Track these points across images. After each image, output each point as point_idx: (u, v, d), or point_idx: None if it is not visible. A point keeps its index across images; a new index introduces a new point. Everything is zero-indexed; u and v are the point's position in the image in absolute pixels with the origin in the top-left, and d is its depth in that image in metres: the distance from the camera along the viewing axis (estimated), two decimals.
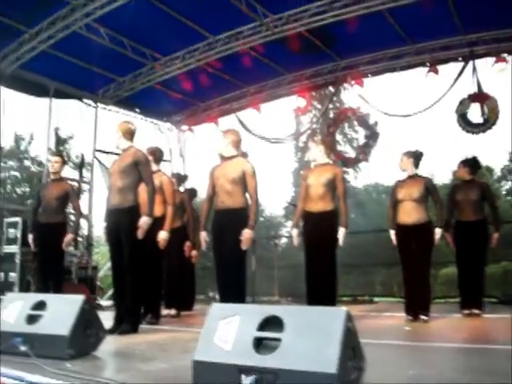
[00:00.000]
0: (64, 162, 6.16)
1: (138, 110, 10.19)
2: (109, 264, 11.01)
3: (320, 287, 4.80)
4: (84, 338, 3.15)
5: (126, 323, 4.33)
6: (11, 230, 7.79)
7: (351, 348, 2.02)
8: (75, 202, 6.03)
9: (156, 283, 5.31)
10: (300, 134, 9.92)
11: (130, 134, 4.67)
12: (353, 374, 2.05)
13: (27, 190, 19.99)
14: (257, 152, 11.57)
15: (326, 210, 4.87)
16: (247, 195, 4.65)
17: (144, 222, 4.39)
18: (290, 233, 5.17)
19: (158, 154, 5.55)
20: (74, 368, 2.71)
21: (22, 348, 3.05)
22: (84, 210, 9.03)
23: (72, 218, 6.93)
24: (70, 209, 6.21)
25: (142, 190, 4.57)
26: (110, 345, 3.58)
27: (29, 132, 16.57)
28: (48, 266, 5.68)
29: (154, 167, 5.45)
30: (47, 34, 7.13)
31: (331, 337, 1.96)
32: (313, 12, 7.10)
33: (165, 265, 6.35)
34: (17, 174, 19.21)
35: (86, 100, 9.31)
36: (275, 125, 9.72)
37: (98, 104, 9.43)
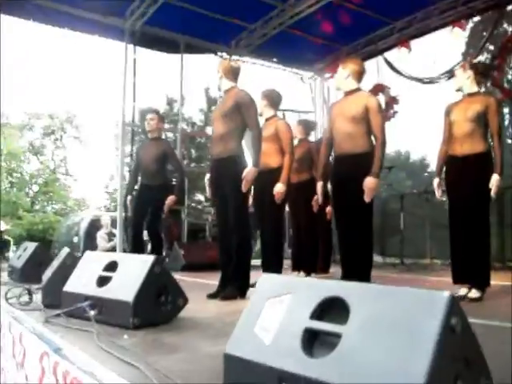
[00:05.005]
0: (161, 119, 5.77)
1: (275, 59, 9.59)
2: None
3: (469, 252, 3.78)
4: (155, 305, 2.70)
5: (231, 287, 3.83)
6: None
7: (459, 359, 1.20)
8: (175, 161, 5.63)
9: (275, 242, 4.70)
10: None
11: (231, 73, 4.07)
12: None
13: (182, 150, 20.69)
14: (410, 96, 10.24)
15: (475, 153, 3.76)
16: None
17: (248, 172, 3.79)
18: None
19: (273, 97, 4.87)
20: (123, 342, 2.26)
21: (92, 312, 2.70)
22: None
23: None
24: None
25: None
26: (202, 313, 3.12)
27: (180, 94, 17.04)
28: (148, 229, 5.42)
29: (270, 112, 4.83)
30: None
31: (419, 337, 1.17)
32: None
33: (293, 223, 5.81)
34: (171, 135, 20.06)
35: (219, 53, 8.94)
36: (427, 63, 8.41)
37: (233, 56, 8.99)
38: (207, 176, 4.19)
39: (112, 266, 2.88)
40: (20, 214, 18.38)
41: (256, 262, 4.89)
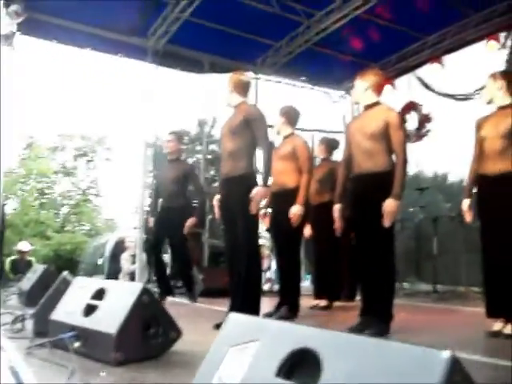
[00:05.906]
0: (180, 141, 5.64)
1: (303, 78, 9.34)
2: None
3: (505, 281, 3.38)
4: (142, 339, 2.43)
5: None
6: None
7: None
8: (196, 182, 5.49)
9: (292, 268, 4.39)
10: None
11: (242, 87, 3.87)
12: None
13: (211, 173, 20.49)
14: (446, 114, 9.76)
15: (509, 171, 3.40)
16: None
17: (257, 192, 3.53)
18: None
19: (292, 114, 4.61)
20: (98, 380, 2.02)
21: (76, 344, 2.46)
22: None
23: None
24: None
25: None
26: (200, 346, 2.79)
27: (212, 115, 16.93)
28: (174, 253, 5.24)
29: (288, 130, 4.57)
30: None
31: None
32: None
33: (315, 247, 5.48)
34: (200, 156, 19.99)
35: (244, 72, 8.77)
36: (461, 79, 8.01)
37: (259, 75, 8.80)
38: (216, 197, 3.93)
39: (100, 294, 2.65)
40: (49, 234, 18.57)
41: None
